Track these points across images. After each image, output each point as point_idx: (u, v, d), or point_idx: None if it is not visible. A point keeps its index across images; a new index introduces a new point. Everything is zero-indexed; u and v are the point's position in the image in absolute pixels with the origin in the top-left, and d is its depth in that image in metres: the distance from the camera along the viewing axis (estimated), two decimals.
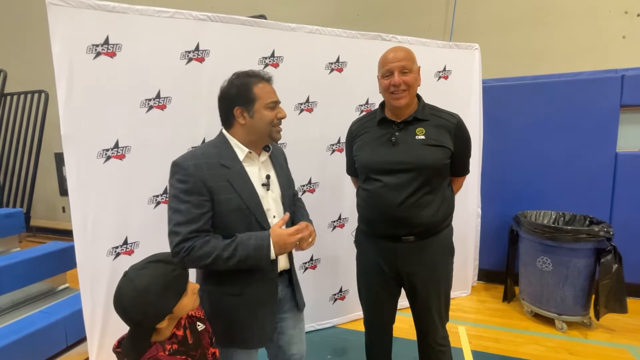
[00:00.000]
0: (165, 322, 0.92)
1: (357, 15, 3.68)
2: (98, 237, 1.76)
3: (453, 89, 2.51)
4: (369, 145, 1.39)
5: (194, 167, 1.04)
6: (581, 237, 2.13)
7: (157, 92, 1.81)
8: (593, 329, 2.29)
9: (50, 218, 5.16)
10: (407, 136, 1.32)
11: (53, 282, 2.46)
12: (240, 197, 1.07)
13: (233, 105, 1.10)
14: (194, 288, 0.99)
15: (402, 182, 1.29)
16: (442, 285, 1.41)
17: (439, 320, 1.42)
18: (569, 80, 2.66)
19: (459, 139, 1.33)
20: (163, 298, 0.89)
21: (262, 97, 1.10)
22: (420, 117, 1.33)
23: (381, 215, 1.35)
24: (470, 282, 2.83)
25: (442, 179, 1.34)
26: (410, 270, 1.38)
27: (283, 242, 1.06)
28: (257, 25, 2.00)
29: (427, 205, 1.30)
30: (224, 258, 1.02)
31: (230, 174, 1.08)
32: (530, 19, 3.18)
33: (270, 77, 1.15)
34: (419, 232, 1.32)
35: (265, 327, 1.16)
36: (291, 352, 1.28)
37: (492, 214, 2.82)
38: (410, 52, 1.32)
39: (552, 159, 2.70)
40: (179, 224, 1.02)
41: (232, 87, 1.10)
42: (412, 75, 1.29)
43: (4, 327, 1.92)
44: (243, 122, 1.10)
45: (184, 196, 1.03)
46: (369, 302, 1.52)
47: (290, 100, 2.11)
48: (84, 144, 1.70)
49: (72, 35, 1.63)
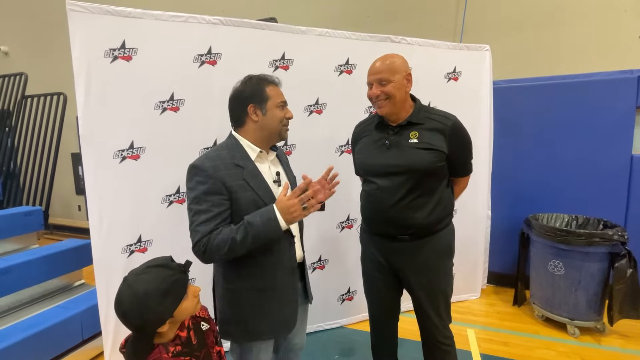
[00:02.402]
0: (167, 326, 0.92)
1: (367, 17, 3.69)
2: (113, 235, 1.82)
3: (463, 91, 2.50)
4: (367, 148, 1.46)
5: (212, 169, 1.09)
6: (595, 241, 2.09)
7: (171, 94, 1.86)
8: (607, 334, 2.25)
9: (66, 216, 5.32)
10: (401, 140, 1.36)
11: (69, 278, 2.54)
12: (257, 194, 1.13)
13: (247, 103, 1.16)
14: (194, 291, 0.99)
15: (395, 184, 1.34)
16: (438, 285, 1.42)
17: (438, 320, 1.44)
18: (583, 82, 2.61)
19: (454, 141, 1.34)
20: (162, 303, 0.89)
21: (274, 97, 1.18)
22: (415, 121, 1.36)
23: (376, 215, 1.42)
24: (480, 285, 2.80)
25: (436, 181, 1.36)
26: (404, 268, 1.43)
27: (285, 207, 1.06)
28: (267, 29, 2.03)
29: (421, 207, 1.34)
30: (239, 241, 1.05)
31: (246, 173, 1.13)
32: (542, 19, 3.13)
33: (280, 81, 1.24)
34: (412, 233, 1.36)
35: (290, 315, 1.21)
36: (295, 342, 1.35)
37: (503, 216, 2.79)
38: (392, 63, 1.33)
39: (565, 162, 2.65)
40: (200, 223, 1.06)
41: (246, 87, 1.18)
42: (392, 85, 1.32)
43: (23, 321, 1.99)
44: (256, 119, 1.16)
45: (205, 196, 1.07)
46: (371, 295, 1.57)
47: (300, 102, 2.14)
48: (100, 145, 1.76)
49: (90, 40, 1.69)
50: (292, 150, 2.16)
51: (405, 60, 1.38)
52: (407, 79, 1.36)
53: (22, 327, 1.90)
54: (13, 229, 2.63)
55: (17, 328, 1.89)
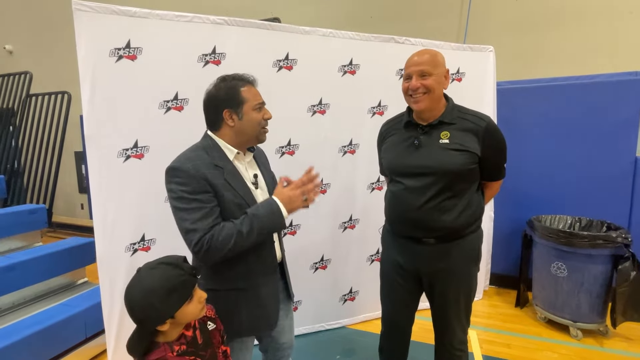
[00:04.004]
0: (167, 325, 0.91)
1: (370, 17, 3.70)
2: (117, 234, 1.82)
3: (467, 92, 2.48)
4: (394, 147, 1.40)
5: (194, 168, 1.05)
6: (598, 243, 2.08)
7: (175, 94, 1.87)
8: (609, 337, 2.24)
9: (70, 214, 5.34)
10: (431, 140, 1.31)
11: (73, 276, 2.55)
12: (239, 194, 1.10)
13: (222, 108, 1.12)
14: (200, 296, 0.97)
15: (423, 185, 1.29)
16: (462, 291, 1.38)
17: (458, 325, 1.40)
18: (586, 83, 2.60)
19: (487, 143, 1.28)
20: (165, 301, 0.88)
21: (250, 100, 1.12)
22: (447, 121, 1.30)
23: (402, 217, 1.37)
24: (482, 286, 2.79)
25: (467, 183, 1.31)
26: (429, 272, 1.38)
27: (287, 197, 1.09)
28: (272, 29, 2.04)
29: (449, 210, 1.29)
30: (245, 234, 1.04)
31: (226, 173, 1.10)
32: (546, 20, 3.13)
33: (255, 79, 1.18)
34: (439, 236, 1.32)
35: (272, 311, 1.20)
36: (282, 341, 1.33)
37: (505, 218, 2.78)
38: (434, 56, 1.29)
39: (568, 163, 2.64)
40: (196, 220, 1.03)
41: (220, 90, 1.13)
42: (433, 78, 1.26)
43: (27, 318, 2.00)
44: (232, 124, 1.12)
45: (191, 196, 1.04)
46: (389, 299, 1.52)
47: (303, 102, 2.14)
48: (105, 144, 1.76)
49: (96, 39, 1.70)
50: (295, 151, 2.16)
51: (444, 57, 1.34)
52: (446, 76, 1.31)
53: (25, 325, 1.91)
54: (17, 227, 2.64)
55: (21, 325, 1.91)
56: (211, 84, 1.17)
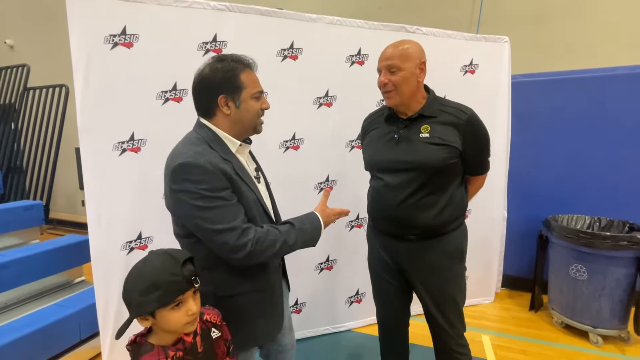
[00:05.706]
0: (148, 322, 0.85)
1: (378, 8, 3.57)
2: (112, 231, 1.73)
3: (480, 84, 2.38)
4: (375, 142, 1.37)
5: (209, 164, 0.94)
6: (621, 245, 1.96)
7: (174, 84, 1.77)
8: (632, 344, 2.12)
9: (71, 211, 5.28)
10: (411, 134, 1.27)
11: (70, 274, 2.47)
12: (251, 189, 1.03)
13: (217, 93, 0.99)
14: (189, 309, 0.85)
15: (403, 181, 1.26)
16: (446, 290, 1.34)
17: (450, 328, 1.36)
18: (605, 76, 2.47)
19: (469, 137, 1.24)
20: (144, 295, 0.81)
21: (249, 86, 1.01)
22: (427, 114, 1.26)
23: (382, 214, 1.35)
24: (494, 288, 2.68)
25: (448, 179, 1.27)
26: (411, 270, 1.36)
27: (329, 221, 1.14)
28: (276, 16, 1.93)
29: (430, 207, 1.26)
30: (289, 245, 1.02)
31: (235, 167, 1.01)
32: (563, 10, 2.99)
33: (255, 63, 1.06)
34: (419, 233, 1.29)
35: (281, 312, 1.16)
36: (284, 342, 1.26)
37: (519, 217, 2.66)
38: (404, 49, 1.23)
39: (586, 160, 2.52)
40: (229, 219, 0.93)
41: (216, 73, 0.99)
42: (402, 74, 1.22)
43: (19, 319, 1.92)
44: (227, 112, 1.00)
45: (213, 193, 0.93)
46: (379, 295, 1.51)
47: (309, 94, 2.03)
48: (99, 136, 1.67)
49: (89, 26, 1.60)
50: (300, 145, 2.06)
51: (420, 47, 1.27)
52: (421, 68, 1.26)
53: (17, 326, 1.83)
54: (12, 224, 2.55)
55: (12, 326, 1.82)
56: (205, 64, 1.03)
